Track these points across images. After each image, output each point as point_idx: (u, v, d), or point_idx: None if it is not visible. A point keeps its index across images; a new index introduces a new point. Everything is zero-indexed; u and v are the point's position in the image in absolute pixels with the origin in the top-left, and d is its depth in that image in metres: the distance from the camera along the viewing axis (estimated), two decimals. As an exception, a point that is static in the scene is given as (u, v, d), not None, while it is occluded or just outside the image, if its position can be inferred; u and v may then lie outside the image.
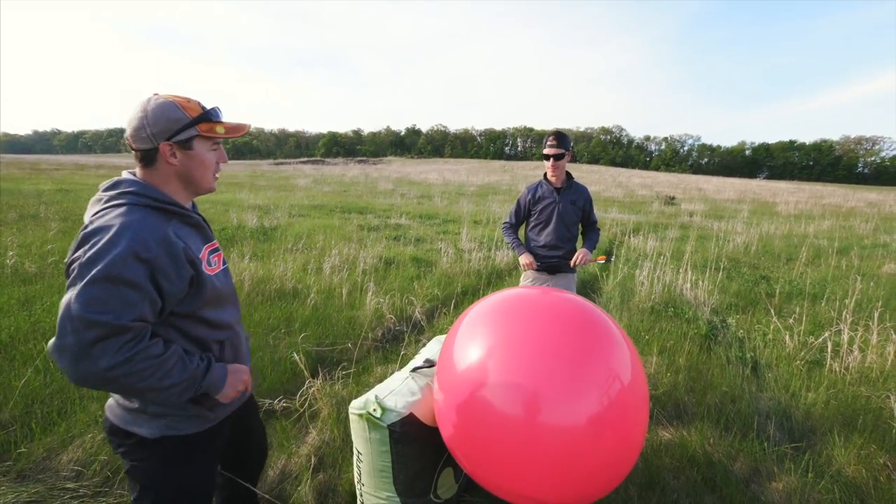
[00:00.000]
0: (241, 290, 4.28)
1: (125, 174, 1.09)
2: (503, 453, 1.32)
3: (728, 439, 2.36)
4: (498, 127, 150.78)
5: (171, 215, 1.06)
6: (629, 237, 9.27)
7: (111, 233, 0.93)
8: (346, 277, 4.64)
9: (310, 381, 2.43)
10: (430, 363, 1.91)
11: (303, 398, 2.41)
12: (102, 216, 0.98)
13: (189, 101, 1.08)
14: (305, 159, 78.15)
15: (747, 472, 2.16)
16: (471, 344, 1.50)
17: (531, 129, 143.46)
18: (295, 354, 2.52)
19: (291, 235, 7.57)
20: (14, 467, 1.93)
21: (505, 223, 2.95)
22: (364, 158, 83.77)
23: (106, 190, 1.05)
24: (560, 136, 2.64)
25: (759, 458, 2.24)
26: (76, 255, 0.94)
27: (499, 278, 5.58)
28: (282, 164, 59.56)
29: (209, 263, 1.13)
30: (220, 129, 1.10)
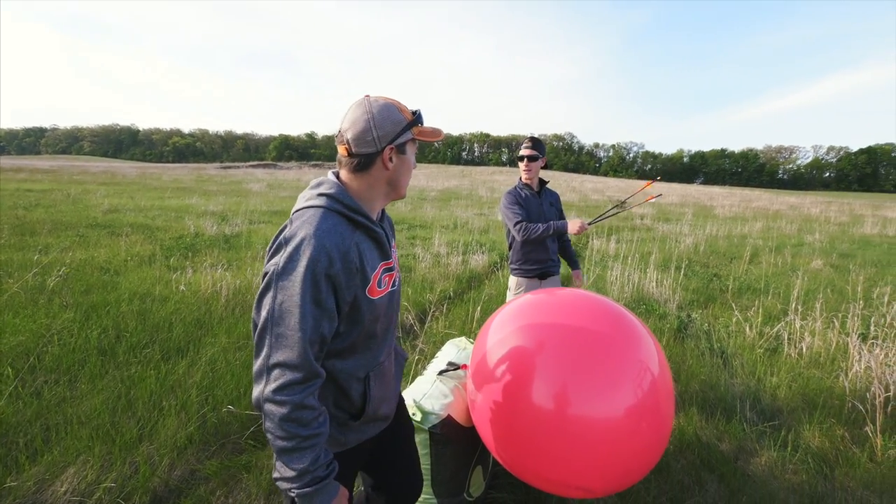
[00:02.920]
0: (218, 301, 4.09)
1: (330, 174, 1.07)
2: (544, 446, 1.39)
3: (713, 422, 2.60)
4: (455, 132, 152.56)
5: (357, 226, 1.02)
6: (592, 240, 9.78)
7: (298, 242, 0.93)
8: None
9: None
10: (454, 366, 1.96)
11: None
12: (299, 217, 0.98)
13: (400, 103, 1.04)
14: (256, 163, 74.81)
15: (734, 450, 2.39)
16: (504, 345, 1.56)
17: (488, 135, 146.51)
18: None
19: (258, 243, 7.29)
20: (-1, 504, 1.75)
21: (519, 222, 2.68)
22: (319, 163, 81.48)
23: (311, 188, 1.04)
24: (535, 140, 2.77)
25: (741, 437, 2.49)
26: (273, 261, 0.94)
27: (479, 282, 5.69)
28: (230, 167, 56.61)
29: (379, 284, 1.06)
30: (425, 133, 1.07)
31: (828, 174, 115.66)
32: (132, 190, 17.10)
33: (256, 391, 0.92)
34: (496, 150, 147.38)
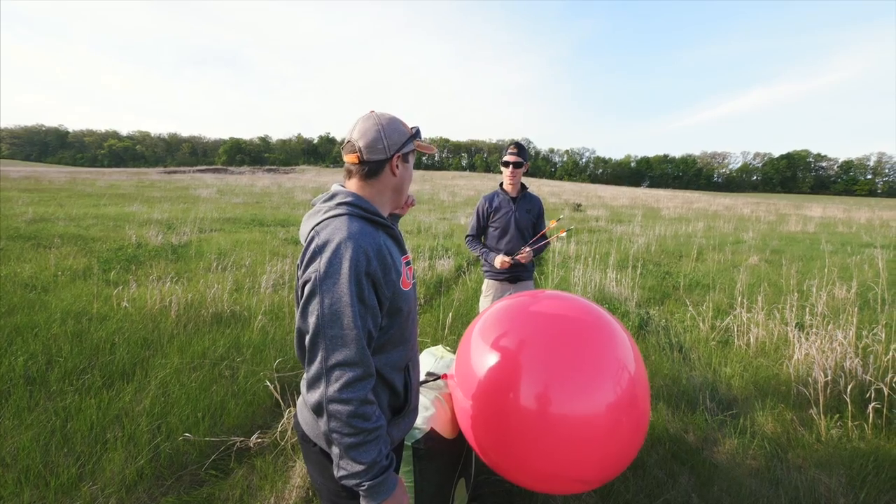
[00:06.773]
0: (168, 317, 3.77)
1: (337, 186, 1.12)
2: (538, 443, 1.39)
3: (679, 415, 2.71)
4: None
5: (379, 226, 1.08)
6: (553, 242, 10.06)
7: (336, 246, 0.96)
8: (292, 297, 4.34)
9: (289, 410, 2.24)
10: (433, 376, 1.90)
11: (282, 430, 2.21)
12: (326, 227, 1.01)
13: (400, 119, 1.16)
14: (205, 167, 70.69)
15: (700, 441, 2.50)
16: (491, 351, 1.55)
17: (447, 140, 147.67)
18: (268, 383, 2.30)
19: (210, 253, 6.84)
20: None
21: (468, 236, 3.02)
22: (274, 167, 78.46)
23: (325, 202, 1.08)
24: (520, 146, 2.82)
25: (705, 428, 2.61)
26: (312, 268, 0.97)
27: (447, 287, 5.67)
28: (175, 172, 53.08)
29: (408, 277, 1.14)
30: (423, 146, 1.21)
31: (755, 177, 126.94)
32: (61, 197, 15.55)
33: (317, 394, 0.94)
34: (456, 155, 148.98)
